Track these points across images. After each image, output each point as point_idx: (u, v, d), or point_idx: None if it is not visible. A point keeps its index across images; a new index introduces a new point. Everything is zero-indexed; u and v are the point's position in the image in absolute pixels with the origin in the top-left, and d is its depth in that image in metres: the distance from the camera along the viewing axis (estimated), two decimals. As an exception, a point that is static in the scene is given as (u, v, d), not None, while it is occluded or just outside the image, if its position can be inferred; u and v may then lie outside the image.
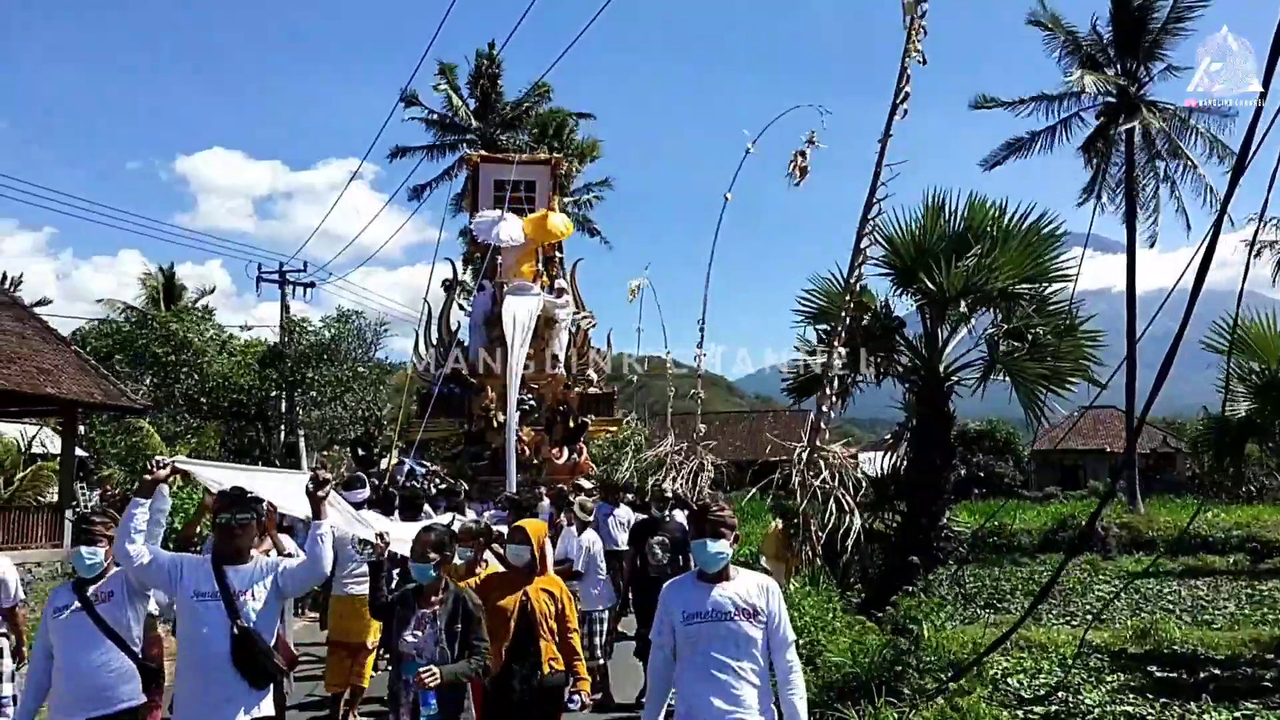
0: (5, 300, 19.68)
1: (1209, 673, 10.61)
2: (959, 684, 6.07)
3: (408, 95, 34.98)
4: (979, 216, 13.02)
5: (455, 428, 17.17)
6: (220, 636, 4.47)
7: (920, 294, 12.85)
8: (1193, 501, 30.64)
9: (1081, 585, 17.93)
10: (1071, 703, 9.22)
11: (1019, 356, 12.76)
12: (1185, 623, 13.99)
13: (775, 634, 4.28)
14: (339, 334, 31.17)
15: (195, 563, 4.70)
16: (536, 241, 16.21)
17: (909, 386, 13.76)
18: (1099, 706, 9.13)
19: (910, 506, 12.81)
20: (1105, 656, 11.31)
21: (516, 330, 14.34)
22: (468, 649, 4.85)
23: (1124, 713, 8.91)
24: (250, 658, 4.49)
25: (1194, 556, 22.70)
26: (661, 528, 9.05)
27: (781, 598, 4.41)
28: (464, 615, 4.92)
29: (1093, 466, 50.88)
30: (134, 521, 4.55)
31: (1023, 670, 10.51)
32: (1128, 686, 9.99)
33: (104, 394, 18.93)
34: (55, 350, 18.99)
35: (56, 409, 19.82)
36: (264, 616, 4.62)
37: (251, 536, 4.88)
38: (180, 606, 4.62)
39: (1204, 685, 9.93)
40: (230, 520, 4.66)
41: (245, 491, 4.78)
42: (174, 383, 28.01)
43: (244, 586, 4.59)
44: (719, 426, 43.64)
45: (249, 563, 4.72)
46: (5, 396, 17.19)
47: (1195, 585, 18.30)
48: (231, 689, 4.46)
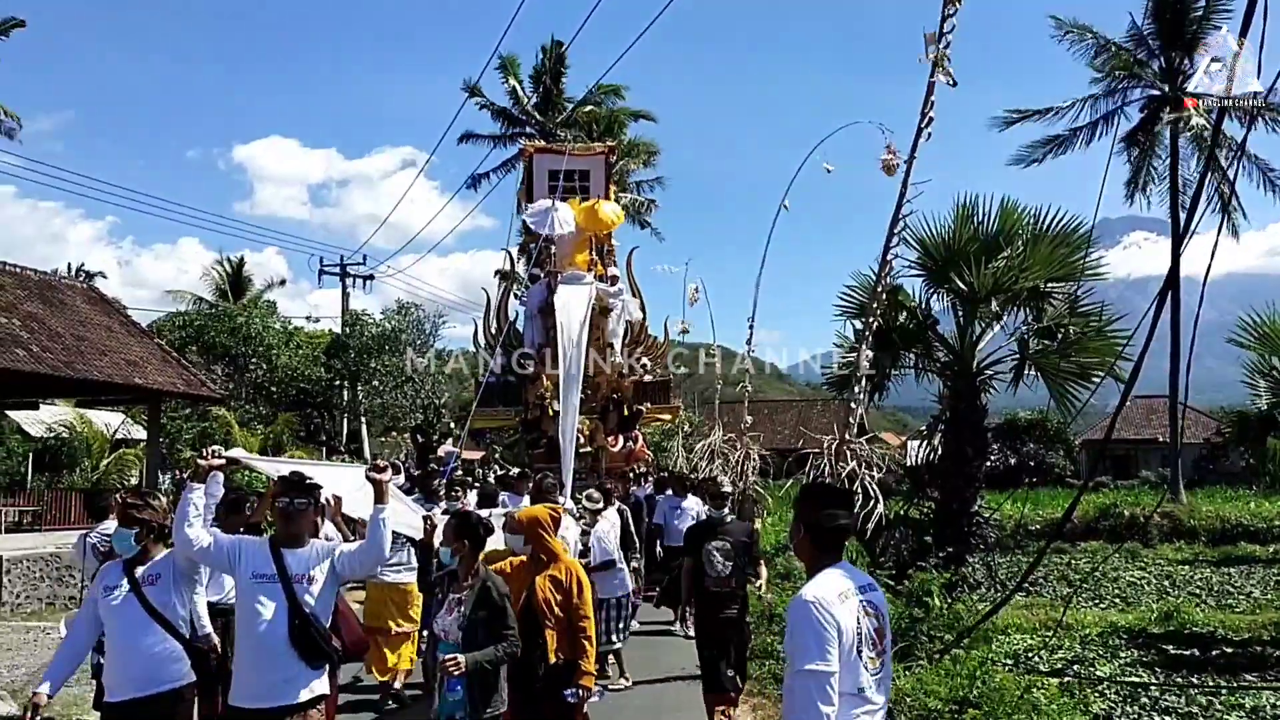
0: (94, 296, 21.02)
1: (1220, 651, 11.28)
2: (962, 647, 6.87)
3: (471, 86, 35.57)
4: (1010, 219, 13.69)
5: (511, 417, 17.10)
6: (279, 618, 4.53)
7: (952, 293, 13.58)
8: (1244, 493, 30.80)
9: (1114, 571, 18.53)
10: (1085, 675, 10.04)
11: (1049, 353, 13.41)
12: (1209, 606, 14.56)
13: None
14: (399, 326, 32.38)
15: (254, 545, 4.77)
16: (588, 230, 16.03)
17: (944, 380, 14.49)
18: (1109, 678, 9.94)
19: (943, 494, 13.57)
20: (1125, 636, 12.05)
21: (571, 319, 14.09)
22: (495, 635, 4.87)
23: (1130, 683, 9.70)
24: (308, 638, 4.56)
25: (1234, 545, 23.02)
26: (722, 531, 7.40)
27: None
28: (489, 602, 4.94)
29: (1144, 456, 50.77)
30: (190, 507, 4.62)
31: (1045, 646, 11.37)
32: (1140, 662, 10.75)
33: (186, 384, 20.22)
34: (140, 343, 20.29)
35: (143, 398, 21.07)
36: (321, 599, 4.69)
37: (310, 521, 4.94)
38: (239, 588, 4.67)
39: (1213, 662, 10.65)
40: (289, 505, 4.72)
41: (304, 476, 4.84)
42: (244, 372, 29.41)
43: (302, 569, 4.66)
44: (767, 415, 44.20)
45: (306, 546, 4.78)
46: (100, 386, 18.51)
47: (1228, 572, 18.76)
48: (290, 669, 4.53)
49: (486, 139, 37.05)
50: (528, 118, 36.57)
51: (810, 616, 3.16)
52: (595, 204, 16.14)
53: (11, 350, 15.91)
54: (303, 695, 4.53)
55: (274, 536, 4.78)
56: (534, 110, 36.46)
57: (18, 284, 18.47)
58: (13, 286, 18.12)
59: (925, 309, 14.68)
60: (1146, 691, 9.42)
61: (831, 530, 3.43)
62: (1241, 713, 8.58)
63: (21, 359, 15.89)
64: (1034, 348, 13.57)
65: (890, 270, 10.01)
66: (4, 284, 17.91)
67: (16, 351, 16.00)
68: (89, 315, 19.52)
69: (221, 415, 26.51)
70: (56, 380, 17.06)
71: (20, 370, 15.85)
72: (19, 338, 16.46)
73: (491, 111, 36.84)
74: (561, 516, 6.15)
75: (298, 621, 4.54)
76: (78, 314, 19.16)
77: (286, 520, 4.74)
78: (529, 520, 5.68)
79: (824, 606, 3.17)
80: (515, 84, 36.27)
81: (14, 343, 16.18)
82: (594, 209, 15.94)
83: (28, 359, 16.06)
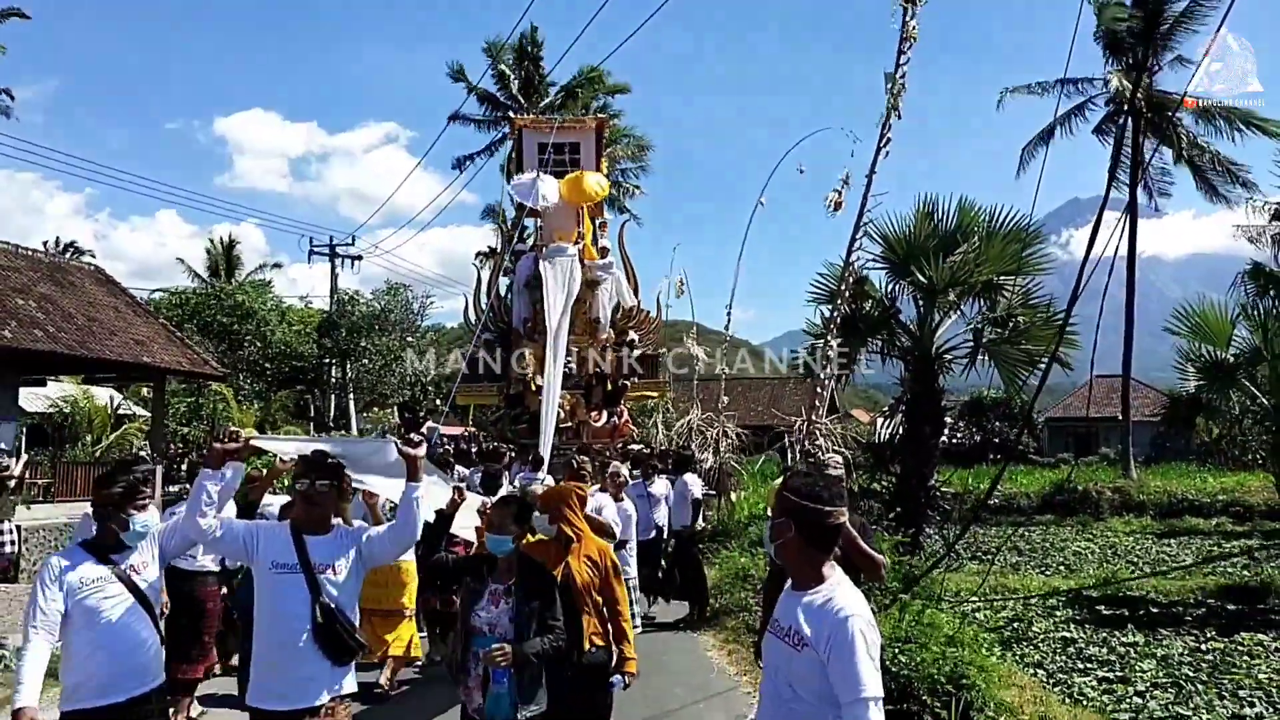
0: (101, 278, 21.89)
1: (1146, 610, 12.62)
2: (907, 597, 8.02)
3: (455, 70, 36.33)
4: (967, 218, 14.87)
5: (494, 393, 16.61)
6: (302, 612, 4.20)
7: (913, 285, 14.78)
8: (1195, 469, 32.29)
9: (1062, 542, 19.94)
10: (1022, 630, 11.37)
11: (1001, 341, 14.65)
12: (1145, 573, 15.92)
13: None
14: (389, 305, 33.36)
15: (272, 532, 4.40)
16: (572, 202, 15.59)
17: (906, 365, 15.71)
18: (1043, 633, 11.27)
19: (903, 469, 14.81)
20: (1064, 598, 13.37)
21: (553, 292, 13.86)
22: (543, 626, 4.58)
23: (1061, 638, 11.02)
24: (333, 634, 4.24)
25: (1180, 519, 24.47)
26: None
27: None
28: (539, 590, 4.66)
29: (1105, 434, 52.46)
30: (204, 495, 4.18)
31: (990, 606, 12.70)
32: (1073, 620, 12.07)
33: (191, 362, 21.19)
34: (145, 322, 21.21)
35: (150, 376, 22.00)
36: (346, 589, 4.37)
37: (333, 504, 4.57)
38: (258, 579, 4.32)
39: (1138, 620, 11.97)
40: (311, 487, 4.36)
41: (327, 456, 4.51)
42: (238, 350, 30.34)
43: (326, 558, 4.33)
44: (741, 392, 45.20)
45: (330, 532, 4.44)
46: (111, 365, 19.47)
47: (1169, 543, 20.20)
48: (314, 667, 4.22)
49: (474, 122, 37.86)
50: (512, 101, 37.40)
51: (868, 637, 2.92)
52: (580, 175, 15.78)
53: (30, 331, 16.84)
54: (326, 696, 4.24)
55: (295, 522, 4.43)
56: (519, 94, 37.31)
57: (30, 266, 19.36)
58: (26, 269, 19.01)
59: (890, 298, 15.86)
60: (1074, 644, 10.74)
61: (829, 529, 3.11)
62: (1153, 660, 9.89)
63: (40, 339, 16.83)
64: (988, 336, 14.77)
65: (855, 267, 11.13)
66: (18, 266, 18.80)
67: (34, 332, 16.93)
68: (97, 296, 20.44)
69: (217, 390, 27.43)
70: (73, 359, 18.01)
71: (40, 351, 16.79)
72: (36, 319, 17.38)
73: (478, 96, 37.58)
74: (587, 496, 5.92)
75: (322, 615, 4.22)
76: (87, 295, 20.07)
77: (309, 504, 4.41)
78: (556, 497, 5.49)
79: (874, 625, 2.99)
80: (504, 68, 37.02)
81: (32, 324, 17.11)
82: (578, 180, 15.60)
83: (45, 339, 16.99)
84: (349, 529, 4.62)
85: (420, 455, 4.52)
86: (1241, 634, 10.95)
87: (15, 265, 18.81)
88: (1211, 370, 13.94)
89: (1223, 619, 12.03)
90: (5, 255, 19.02)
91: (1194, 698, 8.39)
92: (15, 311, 16.99)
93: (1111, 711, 8.00)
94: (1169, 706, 8.13)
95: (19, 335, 16.36)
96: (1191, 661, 9.83)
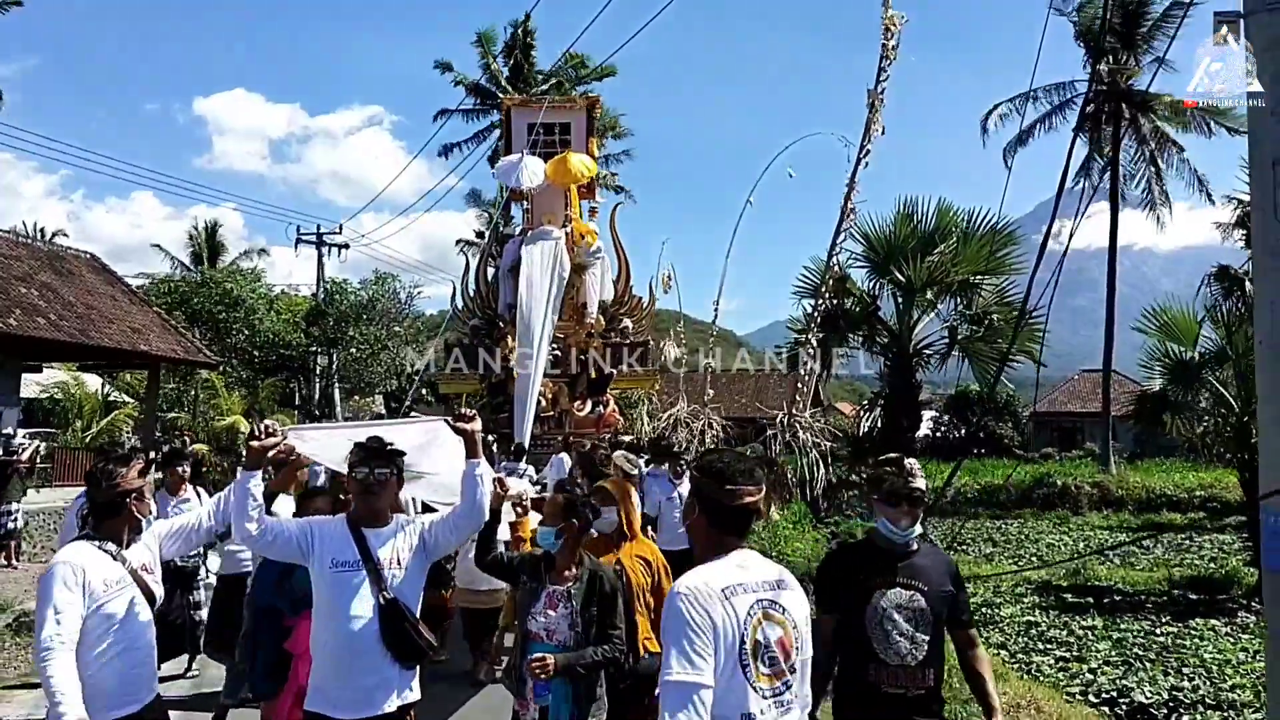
0: (97, 266, 22.23)
1: (1110, 599, 13.14)
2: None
3: (442, 63, 36.51)
4: (945, 219, 15.40)
5: (478, 381, 15.97)
6: (367, 612, 3.92)
7: (892, 283, 15.29)
8: (1177, 464, 32.74)
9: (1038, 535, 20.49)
10: (991, 615, 11.90)
11: (974, 338, 15.16)
12: (1114, 565, 16.46)
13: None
14: (376, 294, 33.69)
15: (329, 527, 4.10)
16: (557, 183, 15.10)
17: (885, 360, 16.22)
18: (1009, 618, 11.79)
19: (881, 460, 15.37)
20: (1032, 586, 13.91)
21: (535, 276, 13.55)
22: (602, 635, 4.27)
23: (1027, 621, 11.55)
24: (401, 634, 3.96)
25: (1157, 514, 25.05)
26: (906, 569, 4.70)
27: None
28: (601, 595, 4.34)
29: (1089, 429, 53.03)
30: (248, 497, 3.90)
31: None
32: (1039, 606, 12.60)
33: (184, 350, 21.59)
34: (140, 311, 21.59)
35: (145, 364, 22.34)
36: (411, 585, 4.09)
37: (392, 494, 4.20)
38: (317, 579, 4.02)
39: (1101, 606, 12.50)
40: (369, 475, 4.03)
41: (384, 442, 4.12)
42: (226, 337, 30.64)
43: (389, 552, 4.05)
44: (725, 384, 45.35)
45: (390, 523, 4.14)
46: (109, 353, 19.83)
47: (1142, 536, 20.74)
48: (382, 672, 3.94)
49: (460, 113, 37.95)
50: (502, 93, 37.49)
51: (679, 614, 2.60)
52: (565, 156, 15.31)
53: (34, 319, 17.21)
54: (396, 702, 3.96)
55: (352, 515, 4.13)
56: (508, 84, 37.39)
57: (30, 254, 19.73)
58: (27, 257, 19.37)
59: (870, 296, 16.36)
60: (1036, 626, 11.28)
61: (733, 510, 2.80)
62: (1108, 642, 10.43)
63: (43, 327, 17.20)
64: (963, 334, 15.28)
65: (836, 267, 11.64)
66: (19, 255, 19.16)
67: (38, 320, 17.30)
68: (94, 284, 20.81)
69: (206, 377, 27.78)
70: (73, 347, 18.39)
71: (43, 338, 17.17)
72: (38, 307, 17.75)
73: (466, 87, 37.54)
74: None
75: (388, 614, 3.93)
76: (85, 283, 20.44)
77: (366, 494, 4.06)
78: (624, 492, 5.19)
79: (698, 601, 2.62)
80: (491, 59, 37.14)
81: (35, 312, 17.49)
82: (563, 160, 15.13)
83: (48, 327, 17.37)
84: (409, 519, 4.29)
85: (477, 429, 4.25)
86: (1196, 620, 11.51)
87: (16, 254, 19.17)
88: (1177, 369, 14.44)
89: (1181, 606, 12.59)
90: (7, 244, 19.38)
91: (1139, 673, 8.94)
92: (19, 300, 17.36)
93: (1064, 686, 8.53)
94: (1115, 681, 8.67)
95: (23, 323, 16.74)
96: (1144, 643, 10.39)
